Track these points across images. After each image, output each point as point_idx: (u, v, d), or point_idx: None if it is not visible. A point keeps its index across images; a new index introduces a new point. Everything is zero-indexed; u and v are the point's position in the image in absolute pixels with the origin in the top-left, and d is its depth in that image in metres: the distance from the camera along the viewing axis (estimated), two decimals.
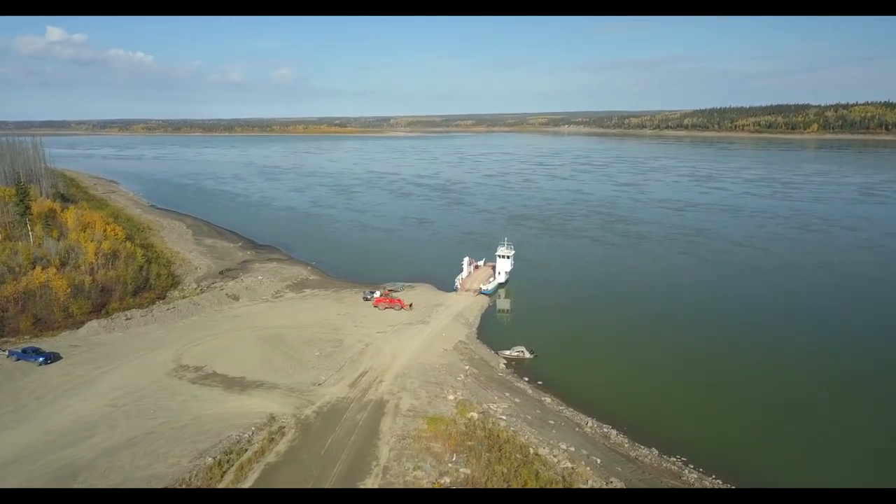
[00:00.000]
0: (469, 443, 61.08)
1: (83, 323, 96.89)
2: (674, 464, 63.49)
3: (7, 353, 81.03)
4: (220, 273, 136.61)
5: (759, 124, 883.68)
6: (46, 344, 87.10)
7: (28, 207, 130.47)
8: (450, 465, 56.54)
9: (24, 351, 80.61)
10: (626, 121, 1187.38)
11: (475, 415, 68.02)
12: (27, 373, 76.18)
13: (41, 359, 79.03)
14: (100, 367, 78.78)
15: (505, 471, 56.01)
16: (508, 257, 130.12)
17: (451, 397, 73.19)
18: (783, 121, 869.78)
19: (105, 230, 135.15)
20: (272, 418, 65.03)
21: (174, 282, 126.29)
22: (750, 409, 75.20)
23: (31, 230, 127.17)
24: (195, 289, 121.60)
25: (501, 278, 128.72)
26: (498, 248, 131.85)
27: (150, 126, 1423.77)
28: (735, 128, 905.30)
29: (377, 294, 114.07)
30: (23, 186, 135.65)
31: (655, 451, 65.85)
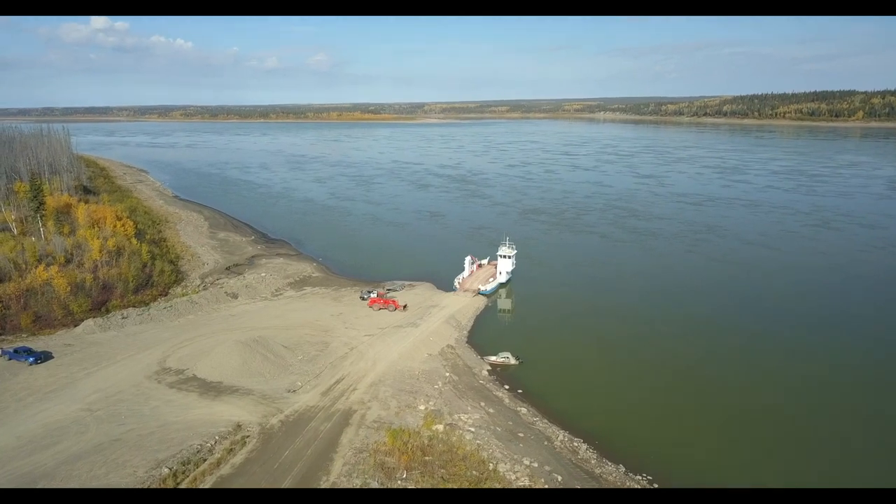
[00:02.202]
0: (426, 458, 60.86)
1: (82, 321, 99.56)
2: (638, 482, 62.37)
3: (0, 352, 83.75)
4: (227, 269, 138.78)
5: (801, 111, 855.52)
6: (42, 342, 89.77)
7: (42, 203, 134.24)
8: (399, 482, 56.56)
9: (15, 351, 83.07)
10: (663, 107, 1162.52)
11: (440, 427, 67.77)
12: (16, 373, 78.64)
13: (31, 359, 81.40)
14: (86, 368, 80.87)
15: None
16: (510, 257, 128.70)
17: (421, 407, 73.10)
18: (826, 108, 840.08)
19: (114, 226, 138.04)
20: (238, 427, 65.84)
21: (178, 278, 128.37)
22: (737, 423, 73.38)
23: (43, 226, 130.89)
24: (198, 286, 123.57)
25: (502, 278, 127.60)
26: (499, 247, 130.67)
27: (188, 112, 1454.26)
28: (776, 115, 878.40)
29: (374, 294, 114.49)
30: (37, 182, 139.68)
31: (622, 469, 64.73)
